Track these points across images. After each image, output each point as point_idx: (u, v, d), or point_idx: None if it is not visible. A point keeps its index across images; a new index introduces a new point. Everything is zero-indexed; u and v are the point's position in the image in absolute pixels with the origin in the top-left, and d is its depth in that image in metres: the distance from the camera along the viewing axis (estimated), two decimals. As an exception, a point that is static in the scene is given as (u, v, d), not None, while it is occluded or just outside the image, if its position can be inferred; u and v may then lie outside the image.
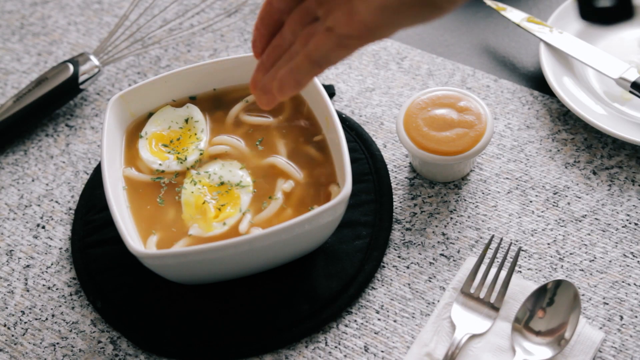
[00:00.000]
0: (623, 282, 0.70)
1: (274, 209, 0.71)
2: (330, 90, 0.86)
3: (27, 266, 0.76)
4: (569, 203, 0.75)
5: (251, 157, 0.75)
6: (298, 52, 0.52)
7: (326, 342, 0.69)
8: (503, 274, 0.70)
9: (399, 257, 0.73)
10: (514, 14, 0.88)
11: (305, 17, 0.52)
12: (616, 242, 0.72)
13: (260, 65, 0.55)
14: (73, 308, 0.73)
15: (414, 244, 0.74)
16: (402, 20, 0.48)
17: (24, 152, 0.85)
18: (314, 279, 0.72)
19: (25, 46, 0.95)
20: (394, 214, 0.76)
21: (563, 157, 0.79)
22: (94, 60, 0.87)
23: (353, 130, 0.81)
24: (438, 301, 0.70)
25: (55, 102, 0.86)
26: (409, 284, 0.72)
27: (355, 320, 0.70)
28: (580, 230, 0.73)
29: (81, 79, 0.86)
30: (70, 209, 0.80)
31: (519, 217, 0.75)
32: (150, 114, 0.78)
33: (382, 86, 0.87)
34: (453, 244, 0.74)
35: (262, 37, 0.54)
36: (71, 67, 0.86)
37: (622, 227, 0.73)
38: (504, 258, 0.70)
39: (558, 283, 0.67)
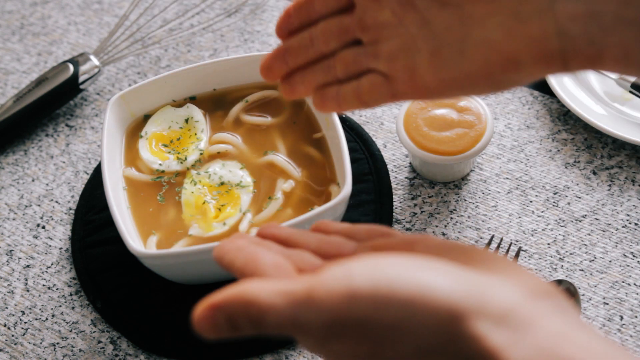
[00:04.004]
0: (623, 282, 0.70)
1: (274, 209, 0.71)
2: (330, 90, 0.86)
3: (27, 266, 0.76)
4: (569, 203, 0.75)
5: (250, 155, 0.75)
6: (339, 76, 0.51)
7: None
8: (503, 274, 0.70)
9: (399, 257, 0.73)
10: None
11: (343, 35, 0.50)
12: (616, 242, 0.72)
13: (280, 53, 0.53)
14: (73, 308, 0.73)
15: (414, 244, 0.74)
16: (464, 92, 0.47)
17: (24, 152, 0.85)
18: (314, 279, 0.71)
19: (25, 46, 0.95)
20: (394, 214, 0.76)
21: (563, 157, 0.79)
22: (94, 60, 0.87)
23: (353, 130, 0.81)
24: (438, 301, 0.70)
25: (55, 102, 0.86)
26: (409, 284, 0.72)
27: (355, 320, 0.70)
28: (580, 230, 0.73)
29: (81, 79, 0.86)
30: (70, 209, 0.80)
31: (519, 217, 0.75)
32: (150, 114, 0.78)
33: (382, 86, 0.87)
34: (453, 244, 0.74)
35: (290, 24, 0.52)
36: (71, 67, 0.86)
37: (622, 227, 0.73)
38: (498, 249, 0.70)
39: (558, 283, 0.67)
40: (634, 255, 0.72)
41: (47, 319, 0.73)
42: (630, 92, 0.80)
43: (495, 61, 0.43)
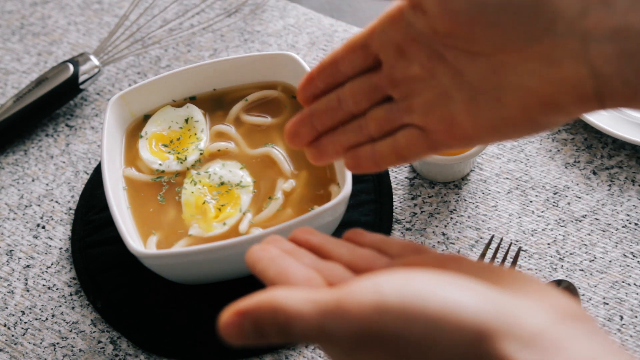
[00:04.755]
0: (623, 282, 0.70)
1: (274, 209, 0.71)
2: (330, 90, 0.86)
3: (27, 266, 0.76)
4: (569, 203, 0.75)
5: (249, 152, 0.75)
6: (373, 135, 0.50)
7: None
8: (503, 274, 0.70)
9: (399, 257, 0.73)
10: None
11: (373, 93, 0.49)
12: (616, 242, 0.72)
13: (306, 118, 0.51)
14: (73, 308, 0.73)
15: (414, 244, 0.74)
16: (504, 137, 0.46)
17: (24, 152, 0.85)
18: (314, 279, 0.71)
19: (25, 46, 0.95)
20: (394, 214, 0.76)
21: (563, 157, 0.79)
22: (94, 60, 0.87)
23: (353, 130, 0.81)
24: (438, 301, 0.70)
25: (55, 102, 0.86)
26: (409, 284, 0.72)
27: (355, 320, 0.70)
28: (580, 230, 0.73)
29: (81, 79, 0.86)
30: (70, 209, 0.80)
31: (519, 217, 0.75)
32: (150, 114, 0.78)
33: (382, 86, 0.87)
34: (453, 244, 0.74)
35: (314, 88, 0.51)
36: (71, 67, 0.86)
37: (622, 227, 0.73)
38: (504, 258, 0.70)
39: (558, 283, 0.67)
40: (634, 255, 0.72)
41: (47, 319, 0.73)
42: (630, 92, 0.80)
43: (534, 105, 0.42)
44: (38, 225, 0.79)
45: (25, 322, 0.73)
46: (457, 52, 0.44)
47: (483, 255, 0.70)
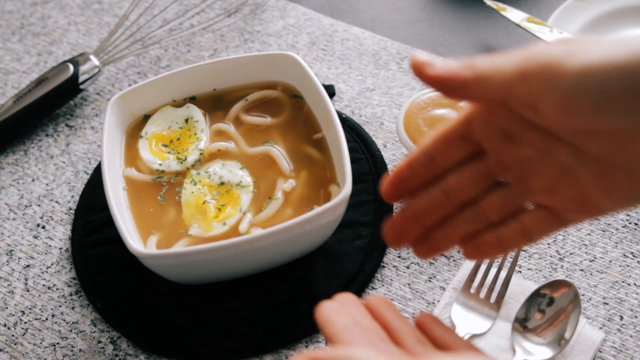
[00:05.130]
0: (623, 282, 0.70)
1: (274, 209, 0.71)
2: (330, 90, 0.86)
3: (27, 266, 0.76)
4: (569, 203, 0.75)
5: (245, 146, 0.75)
6: (493, 221, 0.48)
7: (326, 342, 0.69)
8: (503, 274, 0.70)
9: (399, 257, 0.73)
10: (514, 14, 0.88)
11: (483, 181, 0.48)
12: (616, 242, 0.72)
13: (408, 216, 0.50)
14: (73, 308, 0.73)
15: (414, 244, 0.74)
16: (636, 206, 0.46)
17: (24, 152, 0.85)
18: (314, 279, 0.72)
19: (25, 46, 0.95)
20: (393, 214, 0.76)
21: (563, 157, 0.79)
22: (94, 60, 0.87)
23: (353, 130, 0.81)
24: (438, 301, 0.70)
25: (55, 102, 0.86)
26: (409, 284, 0.72)
27: (355, 320, 0.70)
28: (580, 230, 0.73)
29: (81, 79, 0.86)
30: (70, 209, 0.80)
31: (519, 217, 0.75)
32: (150, 114, 0.78)
33: (382, 86, 0.87)
34: (453, 244, 0.74)
35: (405, 188, 0.49)
36: (71, 67, 0.86)
37: (622, 227, 0.73)
38: (504, 258, 0.70)
39: (558, 283, 0.67)
40: (634, 255, 0.72)
41: (47, 319, 0.73)
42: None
43: None
44: (38, 225, 0.79)
45: (25, 322, 0.73)
46: (575, 132, 0.42)
47: (483, 255, 0.70)
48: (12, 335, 0.72)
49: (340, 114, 0.83)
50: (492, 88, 0.42)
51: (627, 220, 0.74)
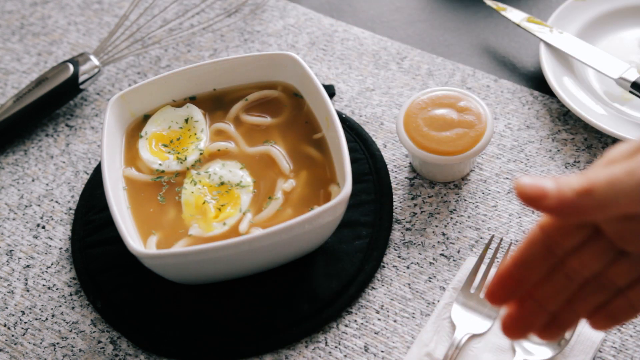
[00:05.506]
0: (623, 282, 0.70)
1: (274, 209, 0.71)
2: (330, 90, 0.86)
3: (27, 266, 0.76)
4: (569, 203, 0.75)
5: (244, 146, 0.75)
6: (621, 287, 0.49)
7: (326, 342, 0.69)
8: (503, 274, 0.70)
9: (399, 257, 0.73)
10: (514, 14, 0.88)
11: (603, 257, 0.48)
12: (616, 242, 0.72)
13: (529, 307, 0.50)
14: (73, 308, 0.73)
15: (414, 244, 0.74)
16: None
17: (24, 152, 0.85)
18: (314, 279, 0.72)
19: (25, 46, 0.95)
20: (394, 214, 0.76)
21: (563, 157, 0.79)
22: (94, 60, 0.87)
23: (353, 130, 0.81)
24: (438, 301, 0.70)
25: (55, 102, 0.86)
26: (409, 284, 0.72)
27: (355, 320, 0.70)
28: (580, 230, 0.73)
29: (81, 79, 0.86)
30: (70, 209, 0.80)
31: (519, 217, 0.75)
32: (150, 114, 0.78)
33: (382, 86, 0.87)
34: (453, 244, 0.74)
35: (519, 285, 0.49)
36: (71, 67, 0.86)
37: (622, 227, 0.73)
38: (504, 258, 0.70)
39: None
40: (634, 255, 0.71)
41: (47, 319, 0.73)
42: (630, 92, 0.80)
43: None
44: (38, 225, 0.79)
45: (25, 322, 0.73)
46: None
47: (483, 255, 0.70)
48: (12, 335, 0.72)
49: (340, 114, 0.83)
50: (616, 209, 0.44)
51: (627, 220, 0.74)
